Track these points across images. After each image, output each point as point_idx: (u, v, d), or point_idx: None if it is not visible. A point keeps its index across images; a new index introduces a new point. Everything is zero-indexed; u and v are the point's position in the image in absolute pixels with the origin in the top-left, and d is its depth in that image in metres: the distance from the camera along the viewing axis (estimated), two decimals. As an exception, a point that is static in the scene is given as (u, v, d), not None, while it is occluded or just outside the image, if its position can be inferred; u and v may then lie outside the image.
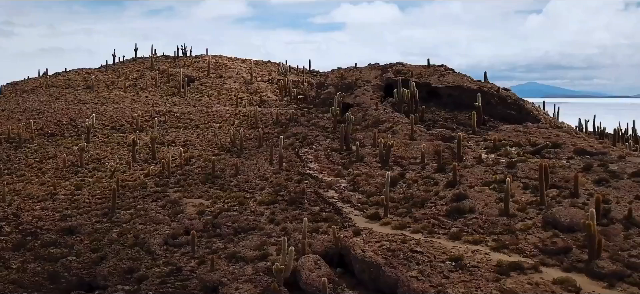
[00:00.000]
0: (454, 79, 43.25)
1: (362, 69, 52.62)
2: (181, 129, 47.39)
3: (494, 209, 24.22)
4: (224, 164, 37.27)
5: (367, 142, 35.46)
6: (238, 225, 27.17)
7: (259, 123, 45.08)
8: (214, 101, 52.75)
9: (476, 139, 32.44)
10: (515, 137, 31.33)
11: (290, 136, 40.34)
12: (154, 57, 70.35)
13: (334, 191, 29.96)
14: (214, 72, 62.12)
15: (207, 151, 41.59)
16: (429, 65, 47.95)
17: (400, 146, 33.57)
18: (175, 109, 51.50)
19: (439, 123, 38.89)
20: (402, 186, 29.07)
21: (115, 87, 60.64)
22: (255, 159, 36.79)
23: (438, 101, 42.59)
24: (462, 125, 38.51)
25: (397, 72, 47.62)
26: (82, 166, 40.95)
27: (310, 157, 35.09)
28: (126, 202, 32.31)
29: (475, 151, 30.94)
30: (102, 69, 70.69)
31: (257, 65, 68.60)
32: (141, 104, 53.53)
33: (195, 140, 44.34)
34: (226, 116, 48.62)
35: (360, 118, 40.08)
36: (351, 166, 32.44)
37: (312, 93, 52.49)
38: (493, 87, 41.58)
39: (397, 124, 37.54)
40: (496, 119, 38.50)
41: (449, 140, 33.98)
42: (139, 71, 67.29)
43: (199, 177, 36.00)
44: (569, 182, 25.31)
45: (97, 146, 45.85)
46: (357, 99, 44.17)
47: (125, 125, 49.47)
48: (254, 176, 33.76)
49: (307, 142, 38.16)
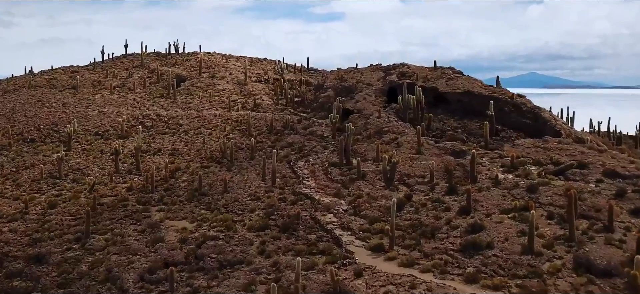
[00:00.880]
0: (464, 83, 39.92)
1: (364, 70, 49.24)
2: (169, 135, 44.17)
3: (516, 245, 21.09)
4: (212, 179, 34.11)
5: (369, 155, 32.27)
6: (224, 257, 23.98)
7: (252, 130, 41.85)
8: (205, 104, 49.49)
9: (490, 156, 29.21)
10: (535, 154, 28.12)
11: (285, 146, 37.15)
12: (144, 54, 66.97)
13: (333, 214, 26.84)
14: (206, 72, 58.78)
15: (195, 161, 38.40)
16: (435, 68, 44.56)
17: (406, 162, 30.38)
18: (164, 112, 48.25)
19: (448, 133, 35.67)
20: (408, 210, 25.92)
21: (102, 87, 57.33)
22: (247, 173, 33.61)
23: (446, 107, 39.32)
24: (472, 135, 35.30)
25: (401, 74, 44.25)
26: (60, 178, 37.93)
27: (306, 172, 31.91)
28: (102, 225, 29.16)
29: (491, 169, 27.76)
30: (90, 67, 67.34)
31: (252, 63, 65.23)
32: (127, 107, 50.25)
33: (183, 148, 41.14)
34: (217, 121, 45.38)
35: (361, 127, 36.85)
36: (352, 185, 29.27)
37: (309, 96, 49.20)
38: (506, 93, 38.24)
39: (401, 134, 34.33)
40: (510, 129, 35.28)
41: (460, 154, 30.81)
42: (128, 70, 63.97)
43: (184, 194, 32.91)
44: (601, 212, 22.15)
45: (78, 154, 42.74)
46: (358, 105, 40.90)
47: (109, 130, 46.27)
48: (244, 195, 30.60)
49: (304, 154, 34.97)
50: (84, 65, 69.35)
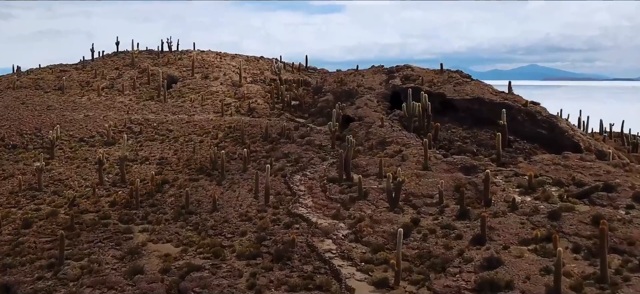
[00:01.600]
0: (473, 89, 37.22)
1: (365, 72, 46.50)
2: (157, 142, 41.53)
3: (540, 286, 18.49)
4: (201, 194, 31.55)
5: (372, 170, 29.63)
6: (209, 293, 21.44)
7: (246, 138, 39.20)
8: (197, 108, 46.78)
9: (505, 173, 26.57)
10: (555, 173, 25.49)
11: (281, 157, 34.53)
12: (135, 53, 64.23)
13: (332, 240, 24.24)
14: (199, 72, 56.05)
15: (183, 173, 35.77)
16: (442, 71, 41.82)
17: (412, 179, 27.76)
18: (153, 117, 45.57)
19: (456, 143, 33.06)
20: (415, 237, 23.32)
21: (90, 88, 54.59)
22: (238, 189, 31.01)
23: (454, 115, 36.70)
24: (483, 146, 32.69)
25: (405, 78, 41.57)
26: (40, 190, 35.38)
27: (302, 188, 29.29)
28: (79, 249, 26.55)
29: (506, 190, 25.13)
30: (79, 65, 64.58)
31: (248, 62, 62.48)
32: (115, 111, 47.57)
33: (172, 157, 38.51)
34: (209, 126, 42.73)
35: (362, 137, 34.20)
36: (352, 205, 26.65)
37: (308, 100, 46.53)
38: (519, 100, 35.51)
39: (406, 146, 31.69)
40: (523, 140, 32.65)
41: (470, 170, 28.20)
42: (119, 69, 61.22)
43: (170, 211, 30.36)
44: (635, 246, 19.56)
45: (61, 163, 40.16)
46: (359, 112, 38.23)
47: (95, 137, 43.64)
48: (235, 214, 28.00)
49: (300, 167, 32.33)
50: (73, 64, 66.66)
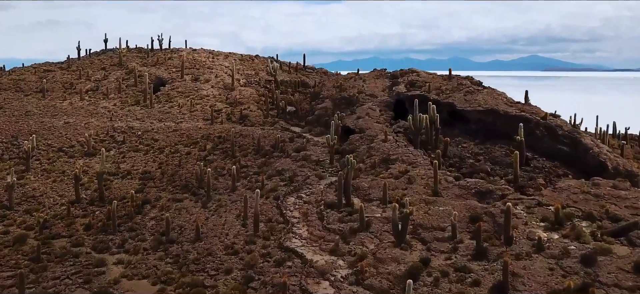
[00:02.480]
0: (486, 99, 33.88)
1: (366, 77, 43.11)
2: (141, 153, 38.26)
3: (579, 357, 15.37)
4: (185, 219, 28.41)
5: (374, 194, 26.42)
6: (186, 351, 18.35)
7: (236, 150, 35.96)
8: (185, 114, 43.48)
9: (526, 203, 23.33)
10: (584, 203, 22.28)
11: (274, 174, 31.30)
12: (122, 52, 60.79)
13: (329, 282, 21.10)
14: (189, 73, 52.71)
15: (167, 191, 32.59)
16: (450, 77, 38.43)
17: (420, 206, 24.55)
18: (138, 124, 42.29)
19: (468, 160, 29.83)
20: (426, 281, 20.17)
21: (72, 91, 51.25)
22: (225, 213, 27.81)
23: (464, 127, 33.45)
24: (497, 164, 29.46)
25: (410, 84, 38.23)
26: (11, 208, 32.28)
27: (297, 215, 26.10)
28: (43, 288, 23.45)
29: (529, 224, 21.93)
30: (64, 64, 61.17)
31: (242, 62, 59.08)
32: (98, 118, 44.28)
33: (156, 171, 35.29)
34: (197, 136, 39.45)
35: (363, 152, 30.96)
36: (353, 237, 23.46)
37: (305, 106, 43.22)
38: (538, 112, 32.18)
39: (413, 165, 28.45)
40: (542, 157, 29.41)
41: (486, 196, 25.02)
42: (105, 69, 57.84)
43: (150, 237, 27.32)
44: (690, 305, 16.38)
45: (37, 176, 36.91)
46: (360, 122, 34.93)
47: (75, 146, 40.37)
48: (220, 246, 24.84)
49: (295, 187, 29.12)
50: (59, 62, 63.31)
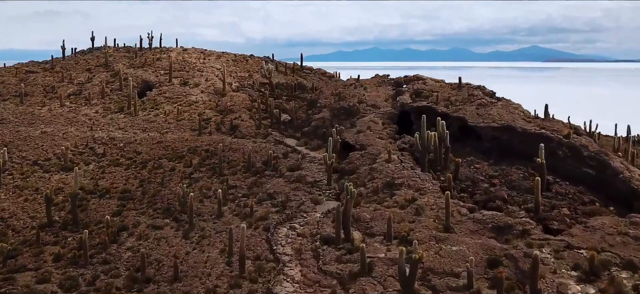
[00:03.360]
0: (500, 113, 30.56)
1: (367, 84, 39.70)
2: (123, 168, 35.04)
3: None
4: (164, 251, 25.26)
5: (377, 228, 23.20)
6: None
7: (224, 167, 32.73)
8: (171, 124, 40.18)
9: (554, 245, 20.10)
10: (622, 247, 19.11)
11: (265, 198, 28.08)
12: (108, 51, 57.39)
13: (324, 342, 17.97)
14: (179, 76, 49.35)
15: (147, 215, 29.39)
16: (460, 86, 35.08)
17: (430, 245, 21.35)
18: (120, 135, 39.02)
19: (481, 184, 26.60)
20: (439, 345, 17.01)
21: (53, 96, 47.93)
22: (208, 247, 24.61)
23: (476, 145, 30.21)
24: (515, 188, 26.23)
25: (415, 94, 34.90)
26: (-25, 232, 29.09)
27: (289, 252, 22.90)
28: (-6, 340, 20.39)
29: (558, 272, 18.74)
30: (48, 65, 57.80)
31: (235, 63, 55.68)
32: (77, 127, 40.99)
33: (137, 190, 32.08)
34: (183, 148, 36.20)
35: (365, 174, 27.71)
36: (353, 283, 20.29)
37: (301, 114, 39.92)
38: (560, 129, 28.83)
39: (420, 191, 25.22)
40: (565, 181, 26.18)
41: (504, 231, 21.84)
42: (90, 70, 54.47)
43: (125, 273, 24.18)
44: None
45: (8, 194, 33.76)
46: (361, 138, 31.67)
47: (51, 159, 37.12)
48: (201, 289, 21.68)
49: (288, 215, 25.91)
50: (42, 62, 59.96)
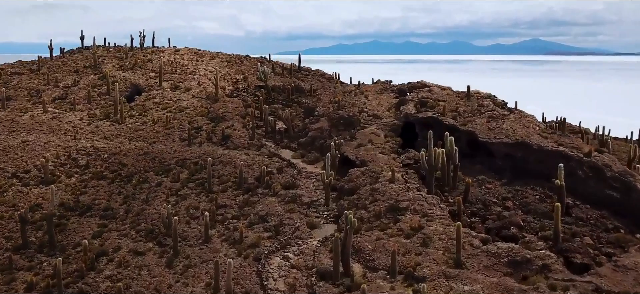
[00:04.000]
0: (514, 127, 28.12)
1: (368, 91, 37.11)
2: (106, 182, 32.66)
3: None
4: (144, 281, 22.97)
5: (380, 261, 20.83)
6: None
7: (214, 182, 30.36)
8: (160, 132, 37.74)
9: (579, 286, 17.74)
10: (661, 292, 16.80)
11: (257, 221, 25.70)
12: (97, 51, 54.84)
13: None
14: (169, 79, 46.87)
15: (129, 237, 27.03)
16: (469, 95, 32.53)
17: (440, 283, 19.00)
18: (105, 145, 36.60)
19: (494, 207, 24.20)
20: None
21: (38, 100, 45.48)
22: (193, 280, 22.26)
23: (487, 162, 27.79)
24: (530, 212, 23.85)
25: (420, 103, 32.43)
26: (-57, 255, 26.81)
27: (282, 288, 20.56)
28: None
29: (588, 323, 16.38)
30: (35, 66, 55.27)
31: (230, 64, 53.17)
32: (60, 135, 38.56)
33: (119, 209, 29.71)
34: (171, 160, 33.80)
35: (366, 195, 25.30)
36: (352, 329, 17.95)
37: (297, 123, 37.49)
38: (580, 146, 26.35)
39: (428, 217, 22.84)
40: (586, 204, 23.79)
41: (522, 266, 19.51)
42: (78, 72, 51.98)
43: (101, 310, 21.85)
44: None
45: (-18, 210, 31.33)
46: (362, 152, 29.25)
47: (31, 171, 34.70)
48: (182, 333, 19.36)
49: (281, 243, 23.55)
50: (30, 62, 57.42)
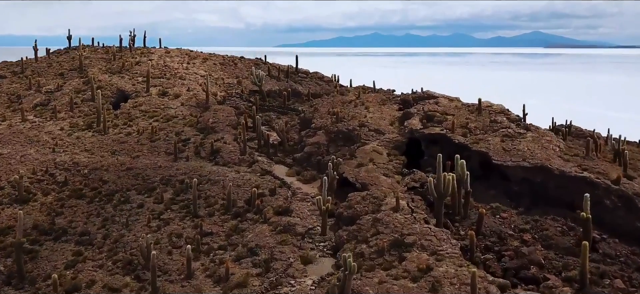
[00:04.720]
0: (532, 148, 25.38)
1: (369, 101, 34.35)
2: (85, 201, 30.05)
3: None
4: (118, 328, 20.34)
5: (383, 310, 18.19)
6: None
7: (200, 205, 27.73)
8: (144, 145, 35.08)
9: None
10: None
11: (245, 254, 23.07)
12: (83, 52, 52.09)
13: None
14: (158, 84, 44.16)
15: (105, 269, 24.43)
16: (480, 109, 29.70)
17: (452, 342, 16.36)
18: (85, 159, 33.96)
19: (510, 240, 21.55)
20: None
21: (17, 107, 42.79)
22: (171, 328, 19.68)
23: (502, 186, 25.12)
24: (552, 247, 21.20)
25: (426, 118, 29.72)
26: None
27: (271, 341, 17.93)
28: None
29: None
30: (18, 68, 52.57)
31: (223, 67, 50.45)
32: (38, 147, 35.90)
33: (97, 233, 27.10)
34: (156, 178, 31.16)
35: (367, 225, 22.64)
36: None
37: (292, 135, 34.81)
38: (606, 172, 23.63)
39: (437, 255, 20.20)
40: (614, 238, 21.19)
41: (548, 321, 16.84)
42: (63, 75, 49.28)
43: None
44: None
45: (-50, 232, 28.74)
46: (363, 174, 26.58)
47: (5, 188, 32.11)
48: None
49: (272, 283, 20.92)
50: (13, 63, 54.75)
